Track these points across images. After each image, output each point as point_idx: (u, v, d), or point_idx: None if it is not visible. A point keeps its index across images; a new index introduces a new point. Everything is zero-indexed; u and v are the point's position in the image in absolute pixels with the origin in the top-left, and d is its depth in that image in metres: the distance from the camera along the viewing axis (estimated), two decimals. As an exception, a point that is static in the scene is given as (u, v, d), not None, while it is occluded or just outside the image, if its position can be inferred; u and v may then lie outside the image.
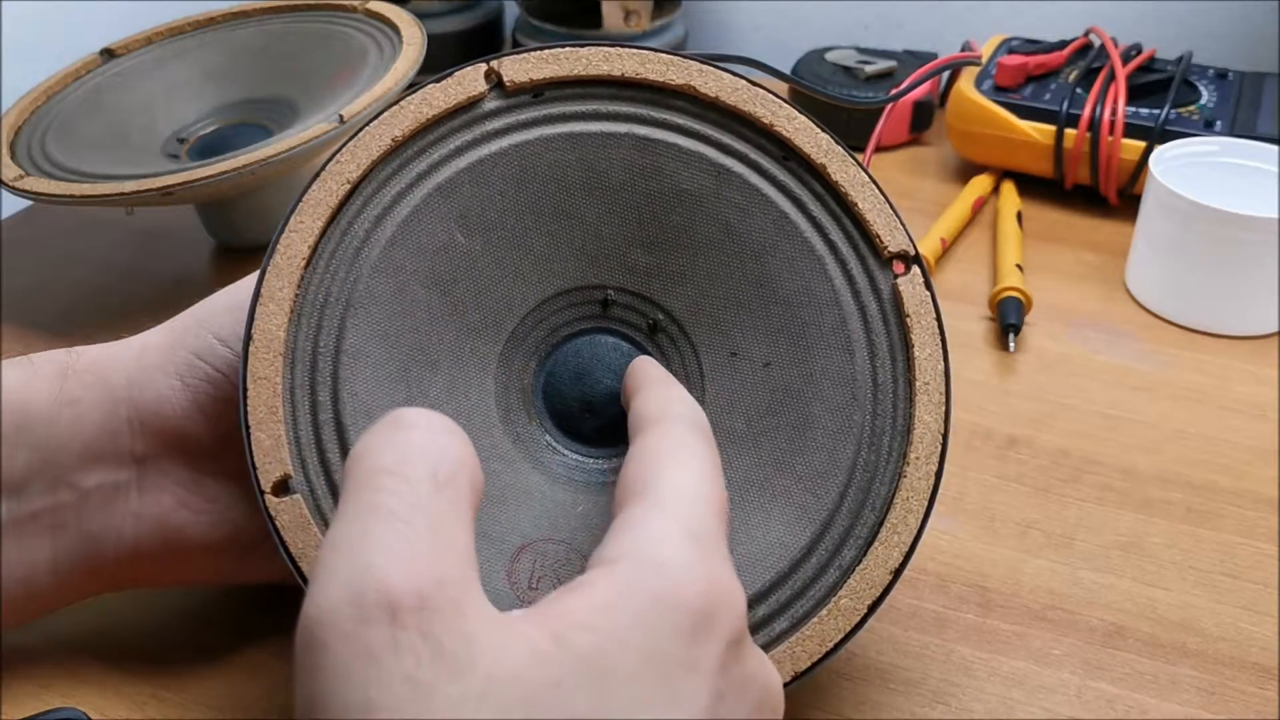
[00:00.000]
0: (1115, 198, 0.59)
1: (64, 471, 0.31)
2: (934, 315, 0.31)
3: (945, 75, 0.70)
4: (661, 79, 0.32)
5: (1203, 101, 0.59)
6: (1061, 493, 0.41)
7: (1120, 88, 0.58)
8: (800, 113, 0.32)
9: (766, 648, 0.29)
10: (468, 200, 0.31)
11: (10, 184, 0.49)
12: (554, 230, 0.32)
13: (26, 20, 0.67)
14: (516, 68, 0.31)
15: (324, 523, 0.29)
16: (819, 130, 0.32)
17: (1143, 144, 0.57)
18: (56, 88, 0.56)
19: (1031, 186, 0.61)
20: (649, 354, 0.33)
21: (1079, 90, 0.60)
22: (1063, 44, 0.64)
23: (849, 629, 0.29)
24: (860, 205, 0.31)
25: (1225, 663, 0.35)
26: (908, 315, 0.31)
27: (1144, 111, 0.58)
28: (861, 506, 0.30)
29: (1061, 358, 0.49)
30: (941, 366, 0.31)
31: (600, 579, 0.21)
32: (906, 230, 0.31)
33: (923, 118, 0.67)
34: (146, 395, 0.31)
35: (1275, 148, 0.52)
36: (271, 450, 0.29)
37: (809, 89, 0.56)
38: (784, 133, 0.31)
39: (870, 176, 0.31)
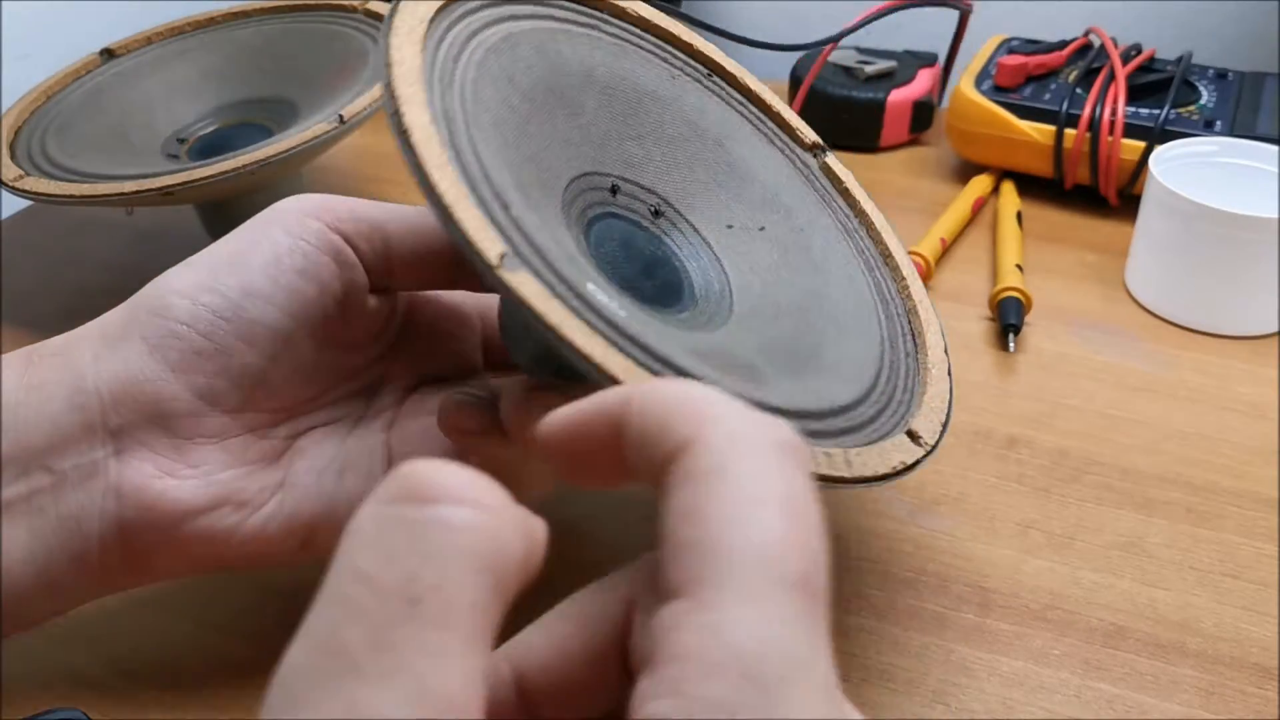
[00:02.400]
0: (1115, 198, 0.59)
1: (35, 455, 0.30)
2: (857, 183, 0.39)
3: (943, 76, 0.70)
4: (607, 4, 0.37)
5: (1202, 101, 0.59)
6: (1061, 493, 0.41)
7: (1120, 88, 0.58)
8: (711, 40, 0.39)
9: (910, 410, 0.32)
10: (510, 65, 0.32)
11: (10, 184, 0.49)
12: (568, 113, 0.34)
13: (26, 20, 0.67)
14: None
15: (554, 293, 0.26)
16: (728, 56, 0.39)
17: (1142, 144, 0.57)
18: (56, 88, 0.56)
19: (1031, 186, 0.61)
20: (658, 236, 0.35)
21: (1079, 90, 0.60)
22: (1063, 44, 0.64)
23: (949, 388, 0.34)
24: (776, 107, 0.39)
25: (1225, 663, 0.35)
26: (841, 180, 0.39)
27: (1144, 111, 0.58)
28: (892, 311, 0.36)
29: (1061, 358, 0.49)
30: (880, 214, 0.39)
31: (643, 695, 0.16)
32: (815, 135, 0.40)
33: (923, 118, 0.67)
34: (114, 365, 0.30)
35: (1275, 148, 0.52)
36: (481, 229, 0.25)
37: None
38: (706, 53, 0.38)
39: (772, 94, 0.39)
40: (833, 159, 0.39)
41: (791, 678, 0.16)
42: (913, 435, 0.31)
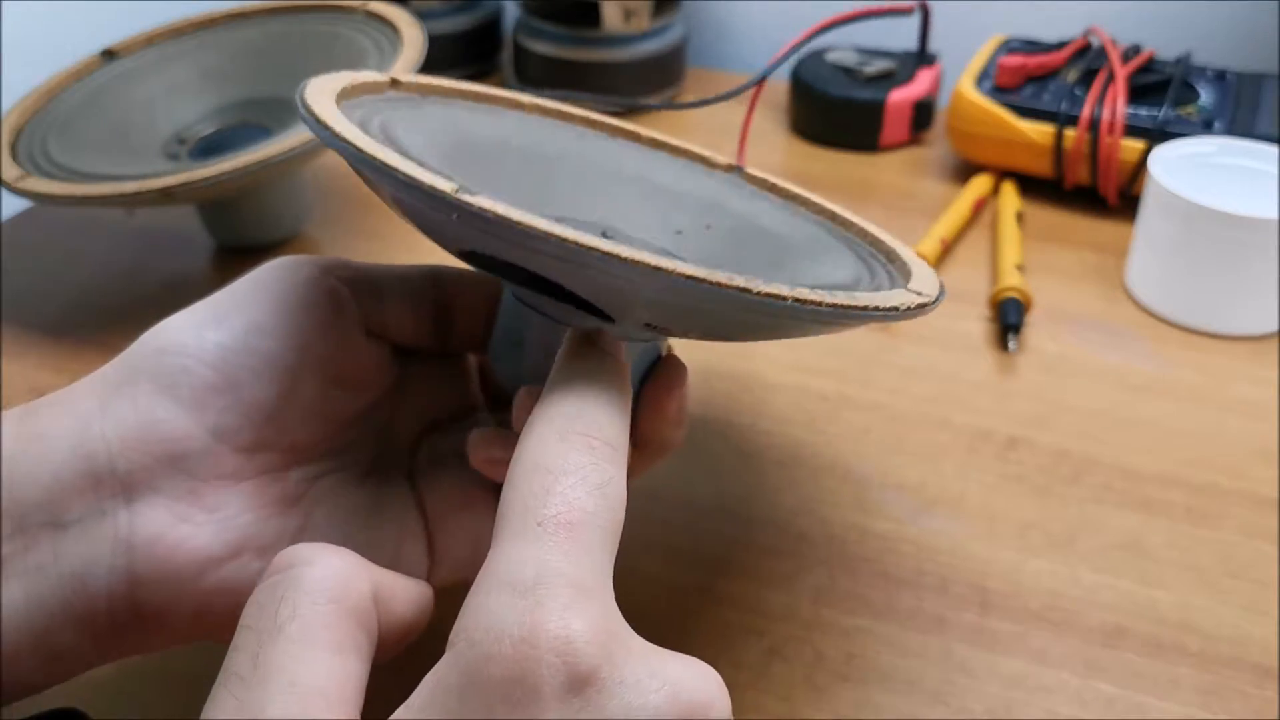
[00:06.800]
0: (1115, 198, 0.59)
1: (34, 510, 0.28)
2: (782, 180, 0.41)
3: (943, 76, 0.70)
4: (503, 94, 0.39)
5: (1201, 102, 0.59)
6: (1061, 493, 0.42)
7: (1120, 88, 0.58)
8: (601, 109, 0.41)
9: (905, 283, 0.31)
10: (426, 129, 0.34)
11: (11, 184, 0.49)
12: (494, 169, 0.35)
13: (26, 20, 0.67)
14: (405, 77, 0.37)
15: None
16: (622, 120, 0.41)
17: (1142, 144, 0.57)
18: (58, 88, 0.56)
19: (1031, 187, 0.62)
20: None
21: (1078, 90, 0.60)
22: (1062, 44, 0.64)
23: (938, 280, 0.33)
24: (681, 145, 0.41)
25: (1225, 663, 0.35)
26: (767, 179, 0.40)
27: (1143, 112, 0.58)
28: (860, 242, 0.37)
29: (1061, 358, 0.49)
30: (818, 197, 0.40)
31: (427, 677, 0.21)
32: (728, 159, 0.42)
33: (923, 118, 0.67)
34: (122, 407, 0.29)
35: (1274, 148, 0.52)
36: (432, 178, 0.26)
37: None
38: (599, 119, 0.41)
39: (676, 139, 0.42)
40: (750, 170, 0.41)
41: (550, 584, 0.20)
42: (915, 292, 0.31)
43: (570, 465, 0.23)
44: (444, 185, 0.25)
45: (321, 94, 0.31)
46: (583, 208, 0.37)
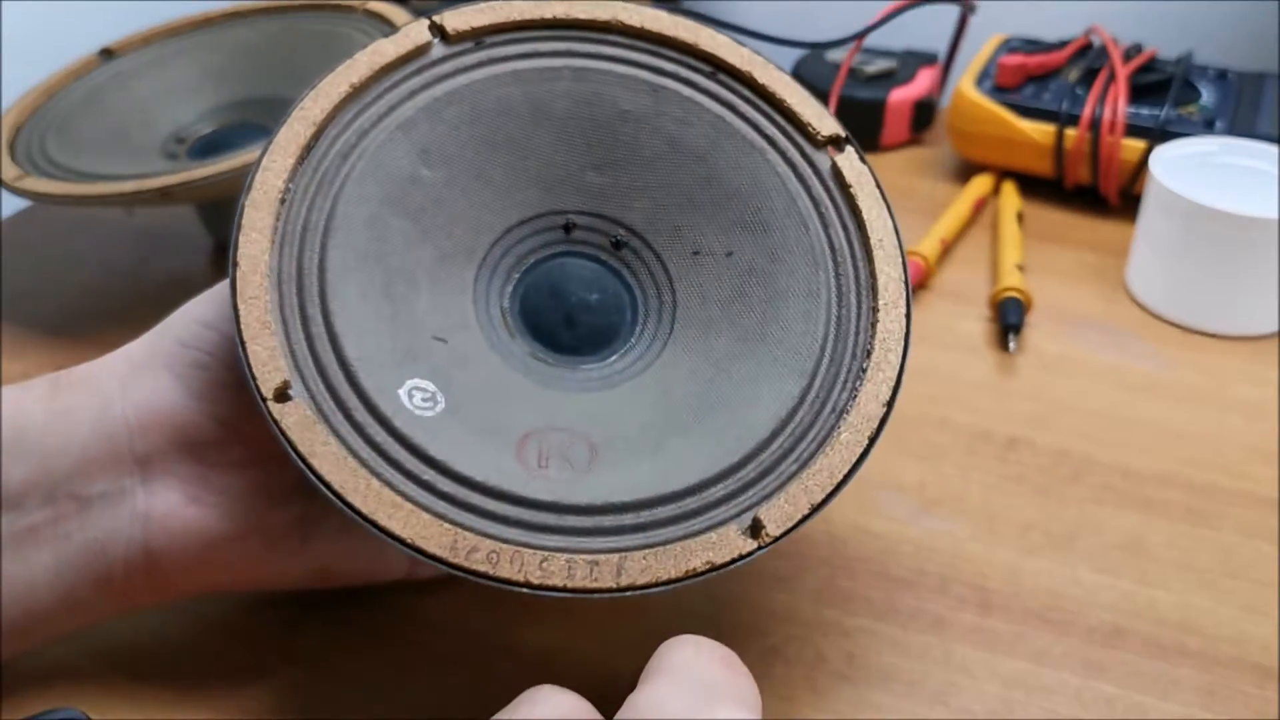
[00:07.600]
0: (1115, 198, 0.59)
1: (62, 480, 0.30)
2: (874, 183, 0.33)
3: (943, 75, 0.70)
4: (588, 16, 0.35)
5: (1203, 101, 0.59)
6: (1061, 493, 0.41)
7: (1121, 88, 0.58)
8: (721, 32, 0.35)
9: (778, 490, 0.29)
10: (426, 136, 0.33)
11: (10, 184, 0.49)
12: (510, 161, 0.34)
13: (26, 20, 0.67)
14: (457, 19, 0.34)
15: (327, 423, 0.28)
16: (740, 45, 0.35)
17: (1143, 144, 0.57)
18: (56, 88, 0.56)
19: (1032, 186, 0.61)
20: (614, 270, 0.35)
21: (1079, 90, 0.60)
22: (1063, 44, 0.64)
23: (855, 460, 0.30)
24: (789, 100, 0.34)
25: (1225, 663, 0.35)
26: (850, 185, 0.33)
27: (1144, 111, 0.58)
28: (843, 355, 0.31)
29: (1061, 358, 0.49)
30: (891, 224, 0.33)
31: None
32: (835, 118, 0.34)
33: (923, 118, 0.67)
34: (140, 392, 0.31)
35: (1275, 148, 0.52)
36: (268, 360, 0.29)
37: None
38: (708, 49, 0.35)
39: (792, 78, 0.35)
40: (848, 157, 0.34)
41: (722, 691, 0.23)
42: (756, 525, 0.28)
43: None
44: (268, 384, 0.28)
45: (286, 148, 0.31)
46: (611, 200, 0.35)
